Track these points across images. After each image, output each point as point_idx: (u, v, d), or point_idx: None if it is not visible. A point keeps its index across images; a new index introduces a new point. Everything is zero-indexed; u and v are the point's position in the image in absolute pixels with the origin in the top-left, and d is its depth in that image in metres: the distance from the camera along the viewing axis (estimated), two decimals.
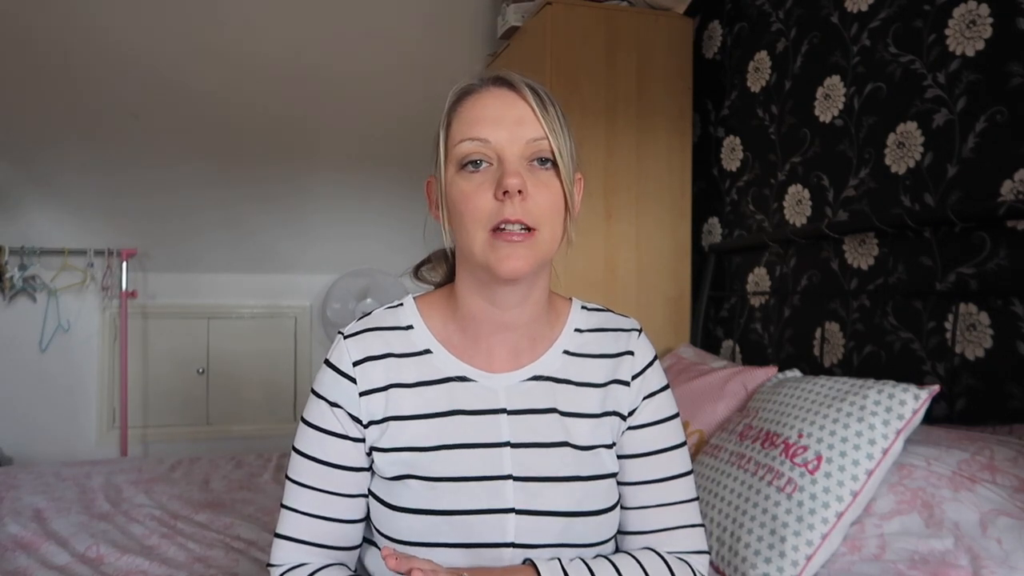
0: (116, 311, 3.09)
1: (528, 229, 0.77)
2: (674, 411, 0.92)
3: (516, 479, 0.81)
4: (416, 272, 0.95)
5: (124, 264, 3.04)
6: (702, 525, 0.89)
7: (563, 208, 0.80)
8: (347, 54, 2.67)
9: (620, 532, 0.91)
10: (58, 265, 2.99)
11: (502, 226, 0.76)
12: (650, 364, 0.92)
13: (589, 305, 0.95)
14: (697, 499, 0.90)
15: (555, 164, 0.79)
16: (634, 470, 0.89)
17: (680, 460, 0.90)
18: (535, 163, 0.79)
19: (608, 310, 0.95)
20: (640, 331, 0.93)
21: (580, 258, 2.11)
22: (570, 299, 0.94)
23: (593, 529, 0.83)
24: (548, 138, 0.78)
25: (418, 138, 0.86)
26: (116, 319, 3.10)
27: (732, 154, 2.19)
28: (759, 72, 2.07)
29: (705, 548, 0.89)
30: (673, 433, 0.90)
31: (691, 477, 0.90)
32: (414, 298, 0.91)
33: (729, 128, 2.21)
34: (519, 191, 0.75)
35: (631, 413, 0.90)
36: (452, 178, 0.80)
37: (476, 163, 0.78)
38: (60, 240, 2.98)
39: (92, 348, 3.11)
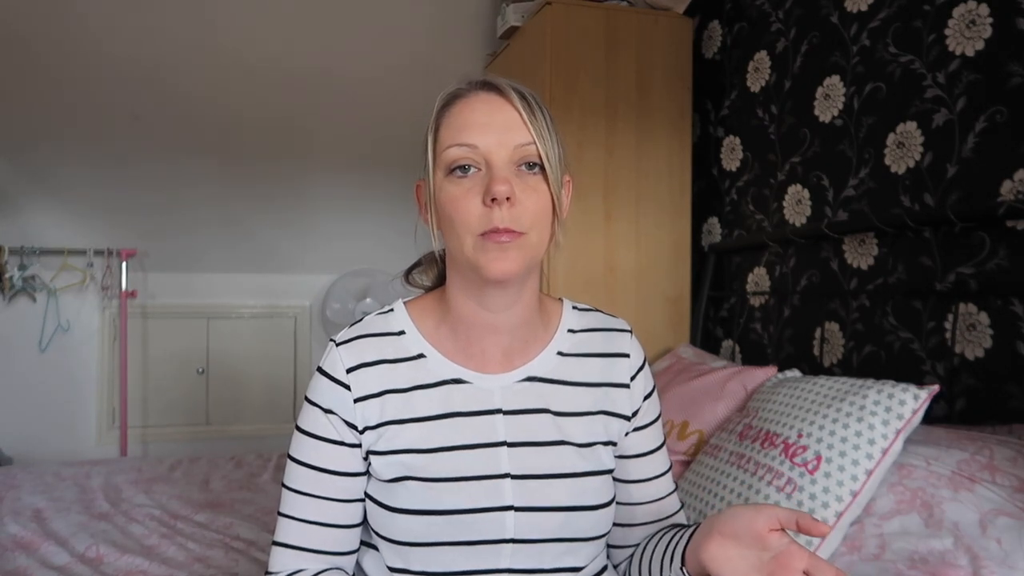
0: (116, 311, 3.09)
1: (513, 232, 0.77)
2: (660, 407, 0.98)
3: (514, 477, 0.82)
4: (407, 276, 0.95)
5: (124, 264, 3.04)
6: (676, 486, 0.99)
7: (551, 212, 0.81)
8: (347, 54, 2.67)
9: (626, 524, 0.93)
10: (58, 265, 2.99)
11: (491, 231, 0.77)
12: (643, 365, 0.94)
13: (579, 305, 0.95)
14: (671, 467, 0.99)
15: (543, 168, 0.79)
16: (637, 468, 0.93)
17: (665, 452, 0.97)
18: (523, 168, 0.79)
19: (598, 310, 0.96)
20: (631, 332, 0.95)
21: (580, 258, 2.11)
22: (560, 300, 0.95)
23: (591, 523, 0.84)
24: (536, 143, 0.78)
25: (417, 138, 0.85)
26: (116, 319, 3.09)
27: (732, 154, 2.19)
28: (759, 72, 2.07)
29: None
30: (661, 428, 0.97)
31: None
32: (404, 303, 0.91)
33: (729, 128, 2.21)
34: (507, 198, 0.76)
35: (635, 414, 0.91)
36: (441, 183, 0.81)
37: (464, 168, 0.79)
38: (60, 240, 2.97)
39: (92, 348, 3.11)
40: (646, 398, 0.93)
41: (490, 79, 0.82)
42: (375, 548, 0.87)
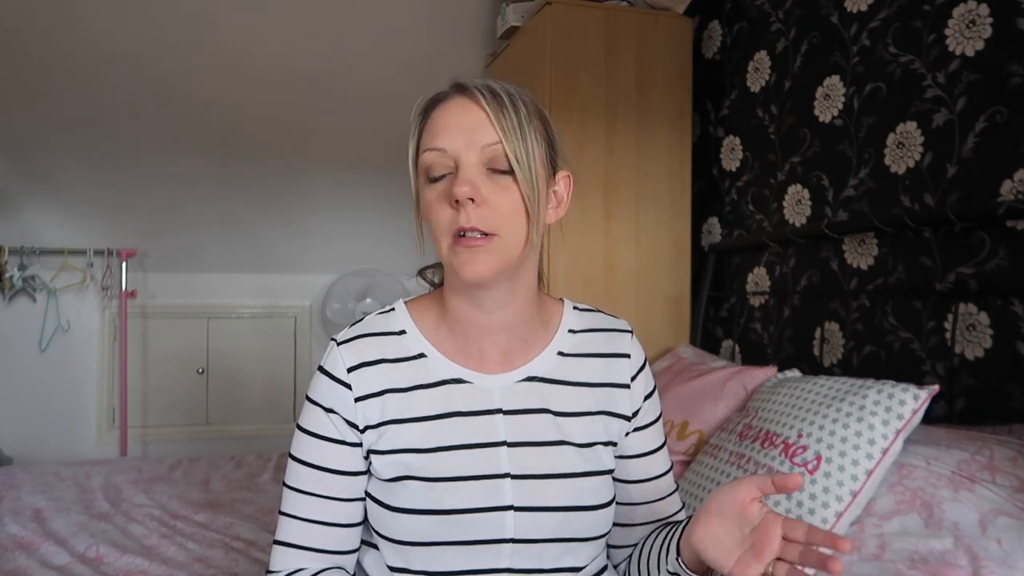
0: (116, 311, 3.09)
1: (486, 234, 0.77)
2: (661, 408, 0.98)
3: (514, 477, 0.82)
4: (421, 272, 0.96)
5: (124, 264, 3.04)
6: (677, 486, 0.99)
7: (524, 212, 0.79)
8: (347, 53, 2.67)
9: (625, 524, 0.94)
10: (58, 265, 2.99)
11: (462, 232, 0.77)
12: (644, 365, 0.94)
13: (580, 306, 0.95)
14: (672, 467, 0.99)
15: (512, 168, 0.78)
16: (638, 468, 0.93)
17: (666, 452, 0.97)
18: (493, 168, 0.78)
19: (599, 310, 0.96)
20: (631, 332, 0.95)
21: (580, 258, 2.11)
22: (561, 300, 0.95)
23: (591, 524, 0.84)
24: (502, 143, 0.78)
25: None
26: (116, 319, 3.09)
27: (732, 154, 2.19)
28: (759, 72, 2.07)
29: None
30: (662, 428, 0.97)
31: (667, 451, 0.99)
32: (405, 303, 0.91)
33: (729, 128, 2.21)
34: (471, 199, 0.76)
35: (635, 414, 0.91)
36: (421, 188, 0.82)
37: (437, 172, 0.79)
38: (60, 240, 2.97)
39: (92, 348, 3.11)
40: (647, 398, 0.93)
41: (462, 80, 0.82)
42: (375, 547, 0.87)
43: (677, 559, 0.78)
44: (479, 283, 0.79)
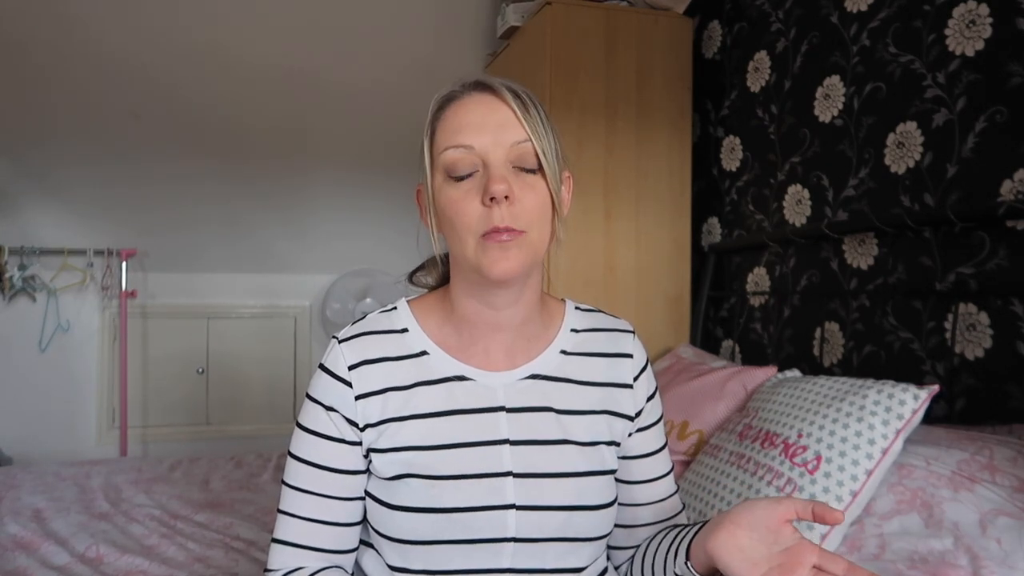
0: (116, 311, 3.09)
1: (517, 231, 0.77)
2: (662, 409, 0.98)
3: (516, 475, 0.82)
4: (411, 278, 0.95)
5: (124, 264, 3.04)
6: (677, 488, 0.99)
7: (551, 209, 0.81)
8: (346, 54, 2.67)
9: (627, 525, 0.94)
10: (58, 265, 2.99)
11: (493, 230, 0.77)
12: (646, 365, 0.94)
13: (582, 306, 0.96)
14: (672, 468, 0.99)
15: (540, 166, 0.79)
16: (640, 469, 0.93)
17: (667, 453, 0.97)
18: (520, 166, 0.79)
19: (600, 311, 0.96)
20: (634, 333, 0.95)
21: (580, 257, 2.11)
22: (563, 300, 0.95)
23: (593, 523, 0.84)
24: (531, 140, 0.78)
25: (418, 138, 0.85)
26: (116, 319, 3.09)
27: (732, 154, 2.19)
28: (759, 72, 2.07)
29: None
30: (664, 429, 0.97)
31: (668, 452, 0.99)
32: (408, 301, 0.91)
33: (729, 128, 2.21)
34: (505, 196, 0.76)
35: (638, 414, 0.91)
36: (440, 186, 0.81)
37: (462, 170, 0.79)
38: (60, 240, 2.97)
39: (92, 348, 3.11)
40: (649, 399, 0.93)
41: (483, 79, 0.82)
42: (373, 547, 0.87)
43: (686, 563, 0.78)
44: (507, 280, 0.79)
